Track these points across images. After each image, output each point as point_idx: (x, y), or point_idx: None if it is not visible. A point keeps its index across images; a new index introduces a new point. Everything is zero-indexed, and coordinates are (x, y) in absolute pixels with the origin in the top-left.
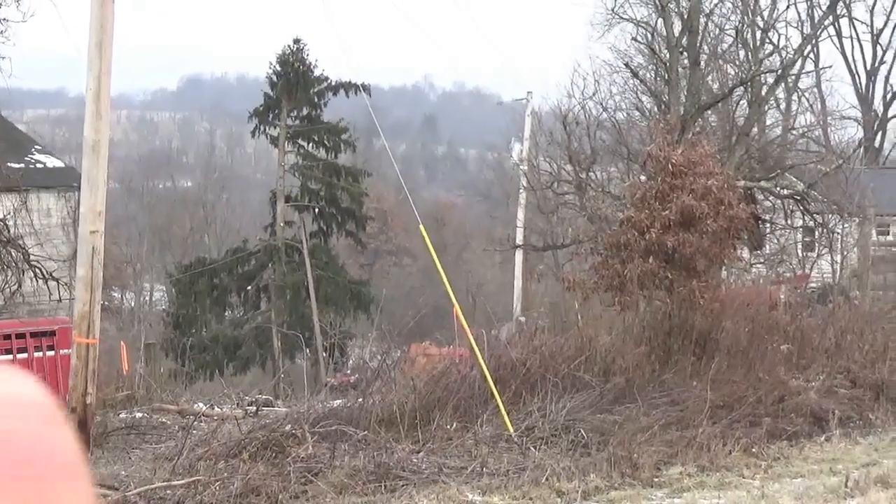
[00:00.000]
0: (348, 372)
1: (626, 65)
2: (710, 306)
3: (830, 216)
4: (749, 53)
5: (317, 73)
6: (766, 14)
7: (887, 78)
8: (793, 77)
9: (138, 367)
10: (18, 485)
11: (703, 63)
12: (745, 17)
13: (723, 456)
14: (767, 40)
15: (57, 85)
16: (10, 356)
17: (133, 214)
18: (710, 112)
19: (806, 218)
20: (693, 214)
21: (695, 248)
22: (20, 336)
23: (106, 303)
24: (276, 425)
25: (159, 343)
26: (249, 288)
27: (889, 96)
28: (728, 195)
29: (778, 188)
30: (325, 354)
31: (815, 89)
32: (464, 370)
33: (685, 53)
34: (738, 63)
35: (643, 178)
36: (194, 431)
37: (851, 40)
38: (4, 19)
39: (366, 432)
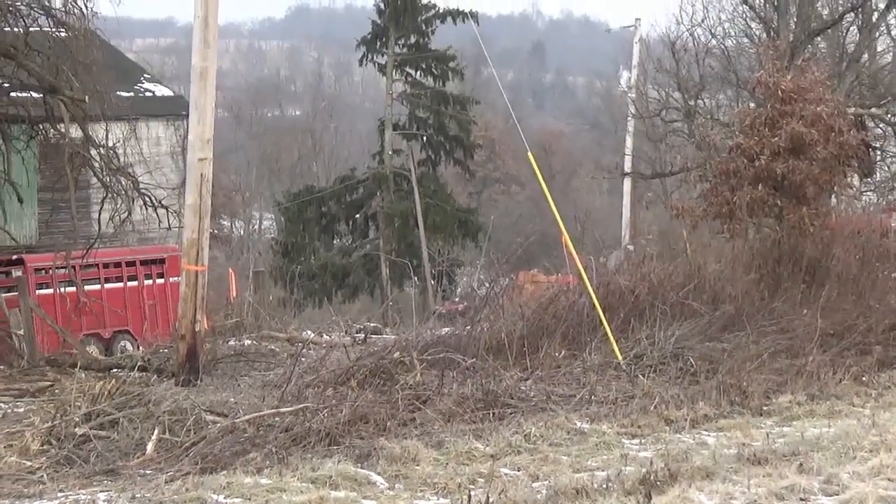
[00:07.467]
0: (456, 300)
1: None
2: (820, 234)
3: None
4: None
5: (424, 0)
6: None
7: None
8: None
9: (247, 295)
10: None
11: None
12: None
13: (833, 384)
14: None
15: (166, 14)
16: (121, 283)
17: (242, 143)
18: (819, 38)
19: None
20: (803, 141)
21: (804, 175)
22: (130, 264)
23: (215, 231)
24: (384, 353)
25: (268, 271)
26: (358, 216)
27: None
28: (838, 122)
29: (889, 115)
30: (433, 282)
31: None
32: (572, 298)
33: None
34: None
35: (752, 104)
36: (303, 359)
37: None
38: None
39: (474, 360)
